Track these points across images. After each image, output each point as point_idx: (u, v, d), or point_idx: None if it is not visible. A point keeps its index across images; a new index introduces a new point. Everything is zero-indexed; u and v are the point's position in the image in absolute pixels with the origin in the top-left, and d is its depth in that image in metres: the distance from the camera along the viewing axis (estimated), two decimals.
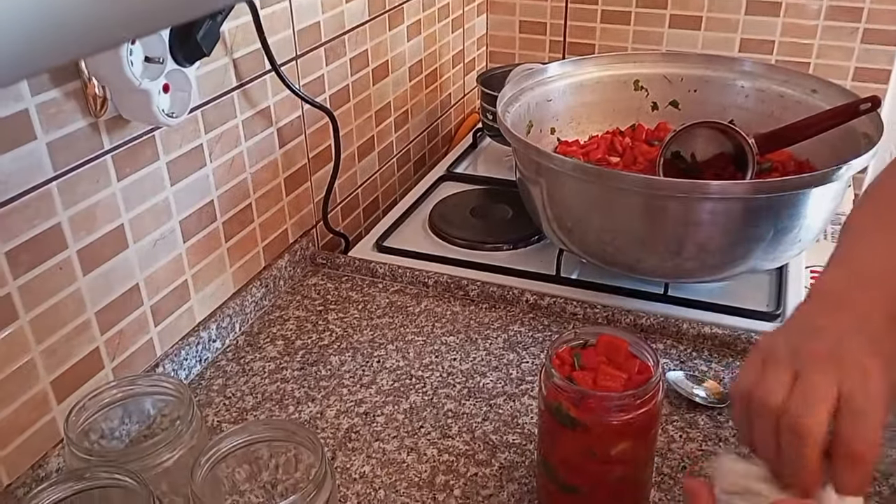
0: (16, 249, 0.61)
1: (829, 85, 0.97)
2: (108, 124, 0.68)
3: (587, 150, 1.04)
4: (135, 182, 0.72)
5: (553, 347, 0.62)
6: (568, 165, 0.84)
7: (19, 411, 0.64)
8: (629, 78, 1.10)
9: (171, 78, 0.67)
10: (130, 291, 0.74)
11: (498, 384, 0.79)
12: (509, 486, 0.67)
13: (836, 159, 0.81)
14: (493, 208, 1.11)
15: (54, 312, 0.66)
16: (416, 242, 1.05)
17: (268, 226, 0.93)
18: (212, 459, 0.55)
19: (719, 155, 0.94)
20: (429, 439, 0.73)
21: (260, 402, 0.78)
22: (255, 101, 0.87)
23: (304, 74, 0.95)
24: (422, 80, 1.29)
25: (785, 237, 0.82)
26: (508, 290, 0.92)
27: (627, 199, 0.82)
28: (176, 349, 0.80)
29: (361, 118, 1.11)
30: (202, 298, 0.84)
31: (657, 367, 0.59)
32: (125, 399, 0.63)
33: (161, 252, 0.77)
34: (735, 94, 1.06)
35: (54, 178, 0.64)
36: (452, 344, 0.85)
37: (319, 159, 1.02)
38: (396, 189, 1.28)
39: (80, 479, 0.53)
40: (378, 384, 0.80)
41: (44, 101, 0.61)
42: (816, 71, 1.31)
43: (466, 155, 1.31)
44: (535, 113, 1.04)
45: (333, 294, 0.95)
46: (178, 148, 0.76)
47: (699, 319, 0.86)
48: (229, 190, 0.85)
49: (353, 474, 0.69)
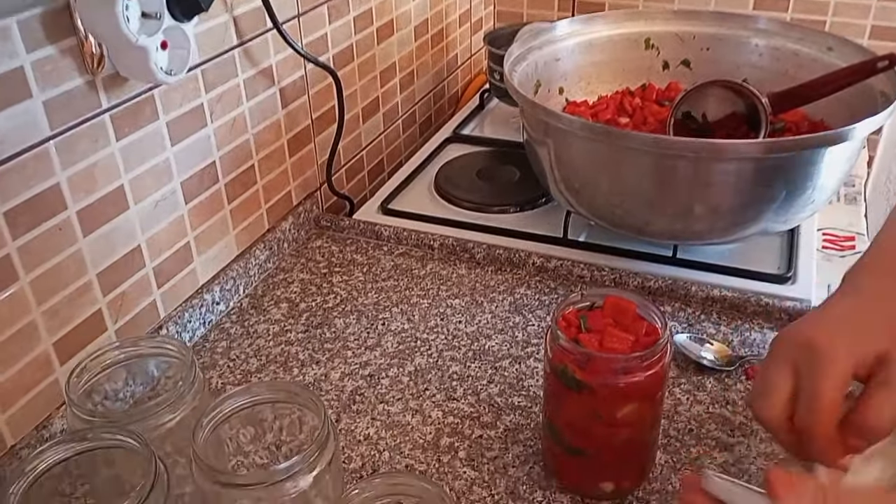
0: (14, 210, 0.60)
1: (846, 42, 0.95)
2: (105, 82, 0.66)
3: (596, 110, 1.02)
4: (134, 142, 0.71)
5: (559, 309, 0.61)
6: (576, 125, 0.82)
7: (22, 372, 0.64)
8: (640, 36, 1.07)
9: (168, 34, 0.66)
10: (132, 253, 0.73)
11: (503, 346, 0.79)
12: (514, 448, 0.67)
13: (851, 119, 0.79)
14: (500, 170, 1.10)
15: (55, 274, 0.65)
16: (421, 205, 1.04)
17: (271, 188, 0.92)
18: (214, 420, 0.55)
19: (731, 115, 0.92)
20: (434, 401, 0.72)
21: (264, 364, 0.78)
22: (256, 60, 0.85)
23: (306, 33, 0.93)
24: (428, 39, 1.26)
25: (797, 199, 0.80)
26: (515, 253, 0.91)
27: (636, 160, 0.80)
28: (179, 311, 0.80)
29: (366, 78, 1.09)
30: (205, 261, 0.83)
31: (665, 329, 0.58)
32: (128, 360, 0.63)
33: (162, 213, 0.76)
34: (749, 52, 1.03)
35: (51, 138, 0.62)
36: (458, 307, 0.85)
37: (323, 120, 1.01)
38: (402, 151, 1.26)
39: (82, 440, 0.52)
40: (383, 347, 0.79)
41: (39, 58, 0.60)
42: (832, 28, 1.28)
43: (473, 116, 1.29)
44: (543, 72, 1.02)
45: (338, 257, 0.94)
46: (179, 107, 0.75)
47: (708, 282, 0.85)
48: (231, 151, 0.84)
49: (357, 436, 0.69)
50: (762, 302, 0.81)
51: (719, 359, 0.75)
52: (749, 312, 0.82)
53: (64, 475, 0.53)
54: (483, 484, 0.64)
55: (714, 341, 0.77)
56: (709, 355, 0.75)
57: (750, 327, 0.80)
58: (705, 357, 0.75)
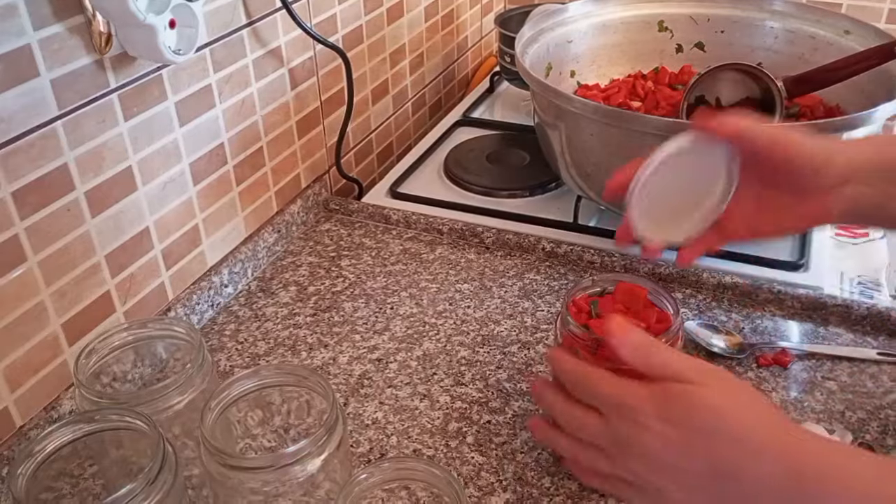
0: (22, 190, 0.60)
1: (863, 25, 0.93)
2: (113, 62, 0.66)
3: (608, 93, 1.01)
4: (142, 122, 0.70)
5: (570, 294, 0.60)
6: (588, 108, 0.81)
7: (31, 353, 0.64)
8: (653, 18, 1.06)
9: (177, 13, 0.65)
10: (141, 234, 0.73)
11: (512, 332, 0.78)
12: (522, 433, 0.67)
13: (868, 104, 0.78)
14: (510, 154, 1.09)
15: (63, 254, 0.65)
16: (430, 188, 1.03)
17: (280, 170, 0.92)
18: (222, 403, 0.55)
19: (745, 100, 0.91)
20: (442, 386, 0.72)
21: (272, 347, 0.78)
22: (265, 40, 0.84)
23: (315, 13, 0.92)
24: (438, 21, 1.25)
25: None
26: (524, 238, 0.90)
27: (649, 144, 0.78)
28: (188, 294, 0.79)
29: (375, 60, 1.08)
30: (214, 243, 0.83)
31: (676, 316, 0.58)
32: (136, 342, 0.62)
33: (171, 195, 0.75)
34: (764, 35, 1.01)
35: (59, 117, 0.62)
36: (467, 291, 0.84)
37: (332, 102, 1.00)
38: (411, 134, 1.25)
39: (90, 421, 0.52)
40: (391, 331, 0.79)
41: (46, 36, 0.59)
42: (849, 11, 1.26)
43: (483, 99, 1.28)
44: (555, 55, 1.01)
45: (346, 240, 0.94)
46: (187, 88, 0.74)
47: (720, 269, 0.84)
48: (240, 132, 0.83)
49: (365, 420, 0.69)
50: (774, 289, 0.80)
51: (730, 346, 0.75)
52: (761, 300, 0.81)
53: (72, 456, 0.53)
54: (491, 469, 0.64)
55: (725, 329, 0.77)
56: (720, 343, 0.75)
57: (762, 315, 0.79)
58: (716, 344, 0.75)
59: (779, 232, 0.66)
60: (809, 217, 0.62)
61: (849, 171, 0.59)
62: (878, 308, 0.77)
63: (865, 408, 0.68)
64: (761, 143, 0.58)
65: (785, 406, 0.68)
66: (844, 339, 0.76)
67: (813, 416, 0.67)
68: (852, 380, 0.71)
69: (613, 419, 0.51)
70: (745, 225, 0.63)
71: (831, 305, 0.79)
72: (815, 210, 0.61)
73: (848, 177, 0.59)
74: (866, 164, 0.59)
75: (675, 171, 0.60)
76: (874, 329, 0.77)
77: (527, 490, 0.62)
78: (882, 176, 0.59)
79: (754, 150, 0.59)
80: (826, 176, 0.59)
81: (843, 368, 0.72)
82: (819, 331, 0.77)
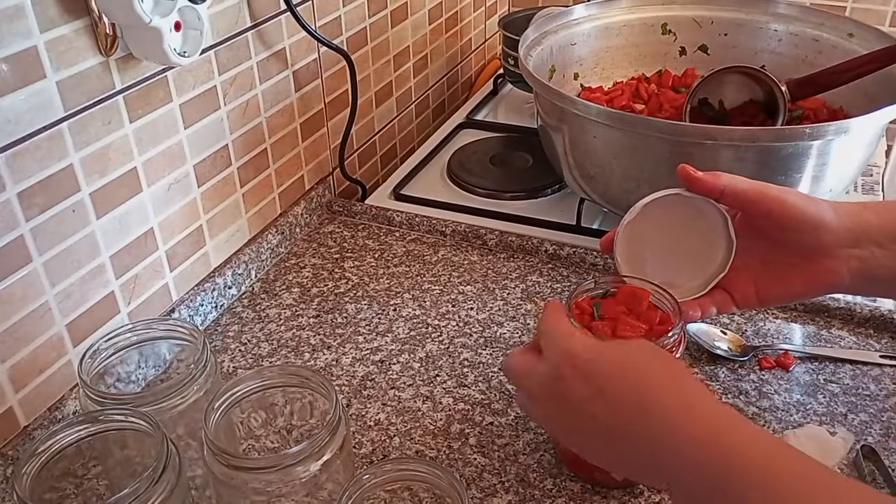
0: (28, 191, 0.60)
1: (867, 28, 0.93)
2: (119, 64, 0.66)
3: (611, 96, 1.01)
4: (148, 124, 0.70)
5: (573, 296, 0.60)
6: (592, 111, 0.81)
7: (35, 353, 0.64)
8: (657, 21, 1.06)
9: (182, 15, 0.65)
10: (145, 236, 0.73)
11: (515, 334, 0.78)
12: (525, 435, 0.67)
13: (871, 107, 0.78)
14: (513, 156, 1.09)
15: (68, 255, 0.65)
16: (434, 191, 1.03)
17: (283, 172, 0.92)
18: (225, 404, 0.55)
19: (749, 102, 0.91)
20: (444, 388, 0.72)
21: (276, 348, 0.78)
22: (269, 43, 0.84)
23: (320, 15, 0.93)
24: (442, 23, 1.25)
25: (814, 187, 0.79)
26: (527, 240, 0.90)
27: (652, 146, 0.79)
28: (192, 295, 0.80)
29: (379, 62, 1.09)
30: (218, 244, 0.83)
31: (679, 318, 0.58)
32: (141, 343, 0.63)
33: (175, 196, 0.76)
34: (767, 37, 1.02)
35: (65, 119, 0.62)
36: (469, 293, 0.84)
37: (336, 104, 1.00)
38: (415, 136, 1.25)
39: (94, 422, 0.53)
40: (394, 332, 0.79)
41: (53, 38, 0.60)
42: (853, 14, 1.26)
43: (487, 102, 1.28)
44: (558, 57, 1.01)
45: (350, 242, 0.94)
46: (192, 89, 0.75)
47: None
48: (244, 134, 0.84)
49: (368, 421, 0.69)
50: None
51: (733, 348, 0.75)
52: None
53: (76, 456, 0.53)
54: (493, 471, 0.64)
55: (728, 331, 0.77)
56: (722, 345, 0.75)
57: (764, 317, 0.79)
58: (719, 346, 0.75)
59: (788, 295, 0.61)
60: (819, 281, 0.59)
61: (858, 231, 0.56)
62: (880, 311, 0.77)
63: (868, 410, 0.68)
64: (750, 199, 0.57)
65: (787, 408, 0.68)
66: (847, 342, 0.76)
67: (815, 419, 0.67)
68: (855, 382, 0.71)
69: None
70: (754, 288, 0.61)
71: (834, 308, 0.79)
72: (824, 272, 0.58)
73: (857, 236, 0.57)
74: (876, 225, 0.57)
75: (664, 222, 0.61)
76: (877, 332, 0.77)
77: (529, 491, 0.62)
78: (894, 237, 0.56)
79: (743, 207, 0.58)
80: (829, 231, 0.56)
81: (845, 371, 0.72)
82: (822, 333, 0.77)
